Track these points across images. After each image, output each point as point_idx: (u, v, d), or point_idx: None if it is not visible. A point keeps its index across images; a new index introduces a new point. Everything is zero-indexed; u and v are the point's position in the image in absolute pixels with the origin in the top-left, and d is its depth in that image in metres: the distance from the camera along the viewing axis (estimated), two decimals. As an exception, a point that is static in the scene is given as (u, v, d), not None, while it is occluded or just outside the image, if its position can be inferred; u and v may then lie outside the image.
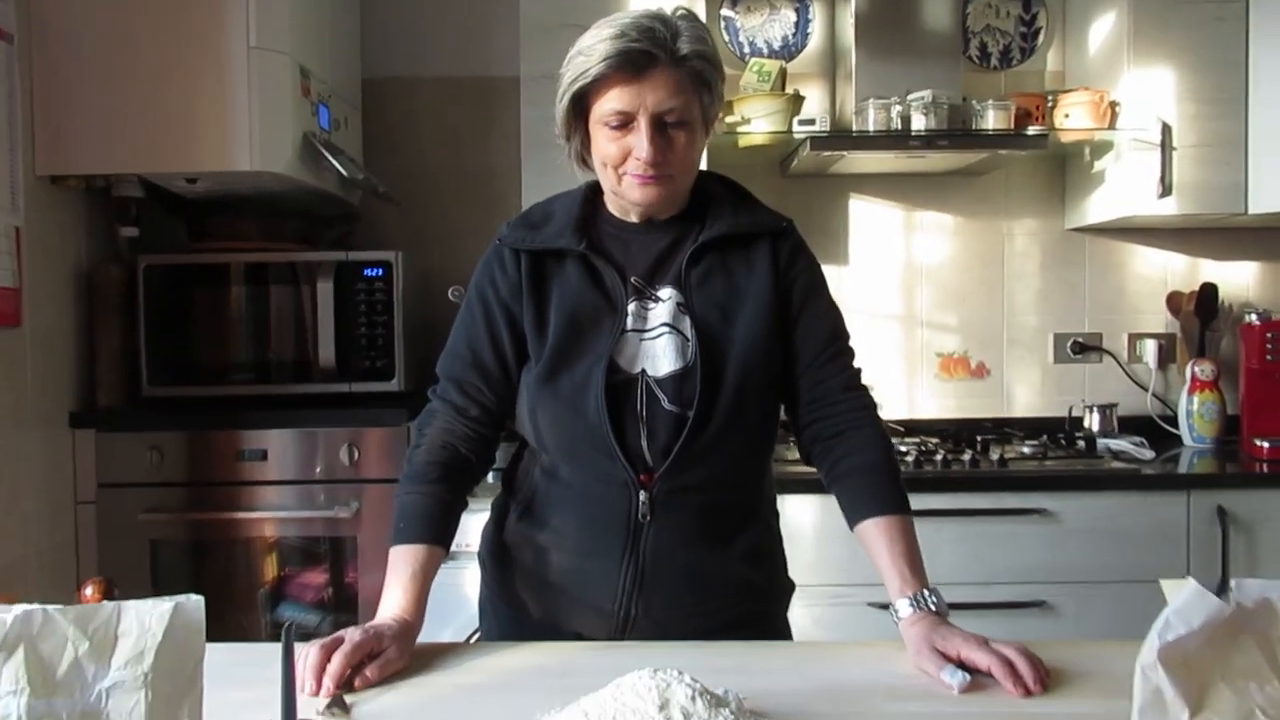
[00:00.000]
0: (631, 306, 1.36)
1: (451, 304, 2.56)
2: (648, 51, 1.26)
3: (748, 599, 1.42)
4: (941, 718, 1.08)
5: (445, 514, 1.36)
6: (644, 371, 1.34)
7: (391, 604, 1.28)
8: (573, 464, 1.37)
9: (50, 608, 0.67)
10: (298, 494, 2.44)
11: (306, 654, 1.13)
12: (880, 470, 1.35)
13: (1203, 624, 0.65)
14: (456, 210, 3.01)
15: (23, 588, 2.18)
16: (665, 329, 1.35)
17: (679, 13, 1.32)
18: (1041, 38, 3.02)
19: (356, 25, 2.94)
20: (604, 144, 1.32)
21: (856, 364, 1.44)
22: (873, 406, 1.42)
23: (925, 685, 1.16)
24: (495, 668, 1.24)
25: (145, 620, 0.67)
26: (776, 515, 1.50)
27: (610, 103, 1.29)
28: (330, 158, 2.51)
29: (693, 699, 1.01)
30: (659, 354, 1.34)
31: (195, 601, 0.68)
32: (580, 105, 1.33)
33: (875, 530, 1.31)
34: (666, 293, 1.37)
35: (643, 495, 1.33)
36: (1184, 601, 0.66)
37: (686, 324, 1.35)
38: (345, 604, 2.48)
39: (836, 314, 1.44)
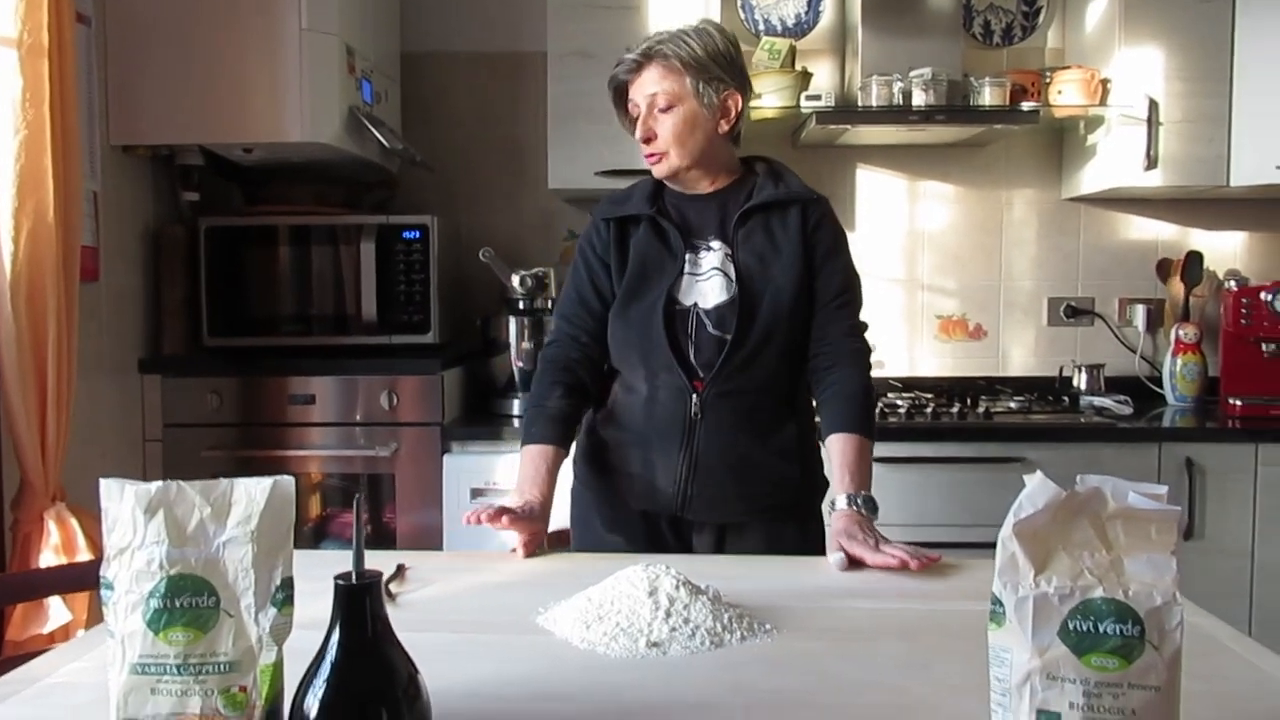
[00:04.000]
0: (688, 256, 1.71)
1: (482, 264, 2.72)
2: (637, 60, 1.69)
3: (783, 489, 1.72)
4: (877, 612, 1.29)
5: (566, 421, 1.72)
6: (695, 304, 1.69)
7: (530, 490, 1.63)
8: (642, 376, 1.71)
9: (181, 482, 0.89)
10: (341, 435, 2.66)
11: (480, 510, 1.52)
12: (855, 399, 1.68)
13: (1046, 505, 0.84)
14: (486, 178, 3.19)
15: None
16: (715, 272, 1.70)
17: (691, 26, 1.71)
18: (1042, 16, 3.14)
19: (396, 2, 3.10)
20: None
21: (862, 318, 1.75)
22: (865, 352, 1.73)
23: (876, 589, 1.37)
24: (520, 571, 1.48)
25: (252, 492, 0.88)
26: (811, 424, 1.78)
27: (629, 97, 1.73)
28: (373, 129, 2.69)
29: (677, 588, 1.23)
30: (708, 291, 1.69)
31: (287, 480, 0.89)
32: (621, 99, 1.76)
33: (836, 443, 1.65)
34: (716, 245, 1.72)
35: (694, 398, 1.67)
36: (1033, 488, 0.84)
37: (731, 269, 1.69)
38: (384, 541, 2.65)
39: (851, 274, 1.76)
